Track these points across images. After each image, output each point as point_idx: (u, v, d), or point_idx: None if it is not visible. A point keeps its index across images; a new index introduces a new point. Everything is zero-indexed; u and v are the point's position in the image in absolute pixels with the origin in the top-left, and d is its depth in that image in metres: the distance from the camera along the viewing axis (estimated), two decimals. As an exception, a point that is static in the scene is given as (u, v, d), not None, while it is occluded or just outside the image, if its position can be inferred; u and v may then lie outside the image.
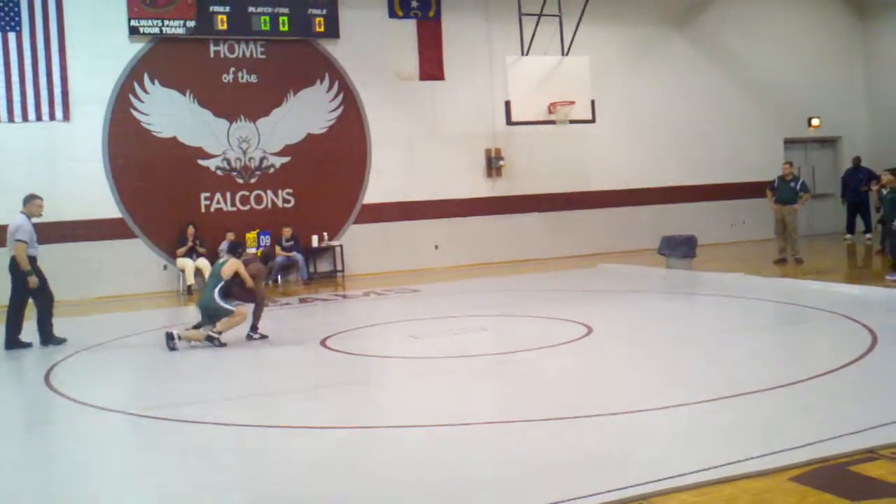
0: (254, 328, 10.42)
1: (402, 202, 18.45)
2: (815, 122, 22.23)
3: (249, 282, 10.11)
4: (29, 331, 10.86)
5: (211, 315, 10.06)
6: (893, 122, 21.98)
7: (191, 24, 16.76)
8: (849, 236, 19.91)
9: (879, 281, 12.63)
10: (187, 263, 16.19)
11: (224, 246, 12.16)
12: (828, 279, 13.35)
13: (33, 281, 10.55)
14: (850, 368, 7.42)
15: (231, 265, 10.04)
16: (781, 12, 21.89)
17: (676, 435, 5.84)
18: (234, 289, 10.13)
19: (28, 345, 10.69)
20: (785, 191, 15.99)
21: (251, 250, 14.37)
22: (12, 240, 10.52)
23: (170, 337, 9.98)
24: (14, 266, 10.56)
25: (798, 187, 15.97)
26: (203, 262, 16.27)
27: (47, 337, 10.79)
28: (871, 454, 5.13)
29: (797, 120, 22.11)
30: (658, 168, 20.59)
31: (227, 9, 16.99)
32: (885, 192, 13.56)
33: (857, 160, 20.05)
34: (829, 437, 5.33)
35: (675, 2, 20.93)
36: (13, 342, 10.64)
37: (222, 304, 9.95)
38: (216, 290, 9.96)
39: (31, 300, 10.83)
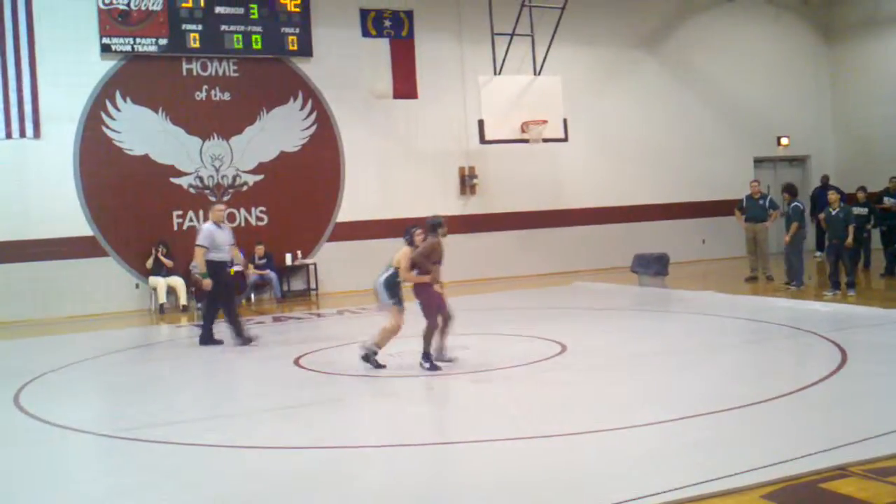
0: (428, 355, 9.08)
1: (376, 220, 18.44)
2: (784, 141, 22.51)
3: (406, 276, 9.15)
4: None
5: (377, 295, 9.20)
6: (860, 141, 22.32)
7: (163, 41, 16.71)
8: (818, 254, 20.11)
9: (847, 298, 12.79)
10: (159, 282, 16.07)
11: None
12: (798, 297, 13.51)
13: (206, 283, 11.21)
14: (820, 385, 7.50)
15: (401, 255, 9.14)
16: (750, 34, 22.18)
17: (648, 453, 5.87)
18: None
19: (219, 342, 11.41)
20: (754, 209, 16.16)
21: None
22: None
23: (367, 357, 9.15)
24: (211, 269, 11.21)
25: (767, 205, 16.12)
26: (175, 280, 16.15)
27: (240, 337, 11.35)
28: (842, 471, 5.18)
29: (766, 139, 22.38)
30: (630, 186, 20.74)
31: (200, 27, 16.96)
32: (833, 211, 13.70)
33: (825, 179, 20.30)
34: (800, 455, 5.37)
35: (645, 23, 21.15)
36: (207, 338, 11.46)
37: (384, 292, 9.16)
38: (384, 278, 9.20)
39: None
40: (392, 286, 9.15)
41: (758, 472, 5.11)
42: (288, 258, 17.52)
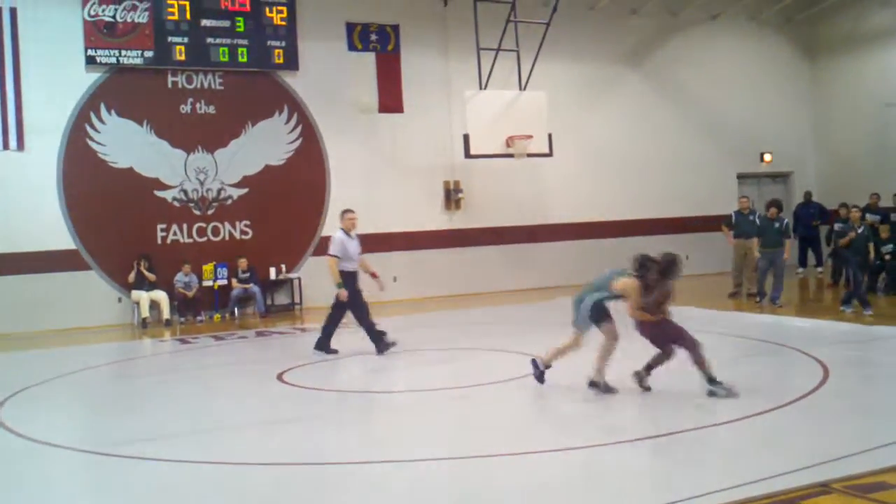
0: (710, 380, 7.95)
1: (361, 234, 18.31)
2: (767, 157, 22.65)
3: (634, 314, 8.29)
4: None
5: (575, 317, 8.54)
6: (841, 157, 22.50)
7: (149, 54, 16.68)
8: (800, 270, 20.24)
9: (831, 314, 12.86)
10: (142, 296, 15.99)
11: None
12: (780, 313, 13.58)
13: (342, 294, 11.03)
14: (801, 402, 7.53)
15: (626, 285, 8.26)
16: (733, 51, 22.34)
17: (628, 471, 5.88)
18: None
19: (335, 351, 11.28)
20: (745, 225, 16.01)
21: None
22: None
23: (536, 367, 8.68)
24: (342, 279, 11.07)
25: (756, 220, 15.89)
26: (159, 294, 16.08)
27: (379, 344, 11.20)
28: (823, 488, 5.20)
29: (750, 155, 22.52)
30: (614, 201, 20.81)
31: (186, 39, 16.94)
32: (859, 228, 13.54)
33: (808, 195, 20.45)
34: (781, 472, 5.39)
35: (630, 40, 21.28)
36: (323, 345, 11.37)
37: (586, 316, 8.44)
38: (595, 297, 8.45)
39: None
40: (600, 310, 8.44)
41: (740, 489, 5.13)
42: (272, 272, 17.46)
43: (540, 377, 8.59)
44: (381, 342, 11.23)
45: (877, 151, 21.35)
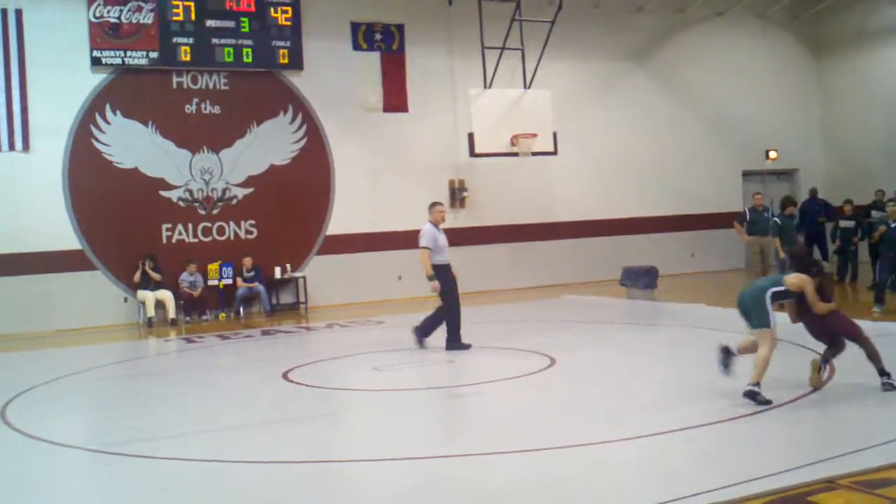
0: (882, 371, 7.82)
1: (366, 233, 18.45)
2: (772, 154, 22.59)
3: (820, 307, 7.99)
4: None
5: (747, 311, 8.02)
6: (848, 154, 22.44)
7: (154, 55, 16.71)
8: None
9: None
10: (147, 295, 16.01)
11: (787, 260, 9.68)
12: (787, 309, 13.51)
13: (434, 286, 10.85)
14: (808, 398, 7.52)
15: (801, 281, 7.91)
16: (739, 48, 22.30)
17: (637, 467, 5.87)
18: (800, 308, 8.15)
19: (467, 346, 10.94)
20: (760, 222, 15.78)
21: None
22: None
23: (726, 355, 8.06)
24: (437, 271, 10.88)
25: (771, 217, 15.77)
26: (164, 294, 16.10)
27: (454, 342, 11.02)
28: (830, 484, 5.18)
29: (755, 152, 22.47)
30: (619, 199, 20.80)
31: (191, 40, 16.97)
32: (893, 224, 13.10)
33: (813, 192, 20.37)
34: (788, 468, 5.37)
35: (635, 37, 21.25)
36: (453, 343, 11.04)
37: (769, 308, 7.87)
38: (770, 291, 7.92)
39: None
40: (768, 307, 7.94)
41: (746, 484, 5.11)
42: (277, 271, 17.48)
43: (762, 401, 7.36)
44: (455, 340, 11.06)
45: (883, 148, 21.27)
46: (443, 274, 10.98)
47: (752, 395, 7.37)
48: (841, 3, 22.06)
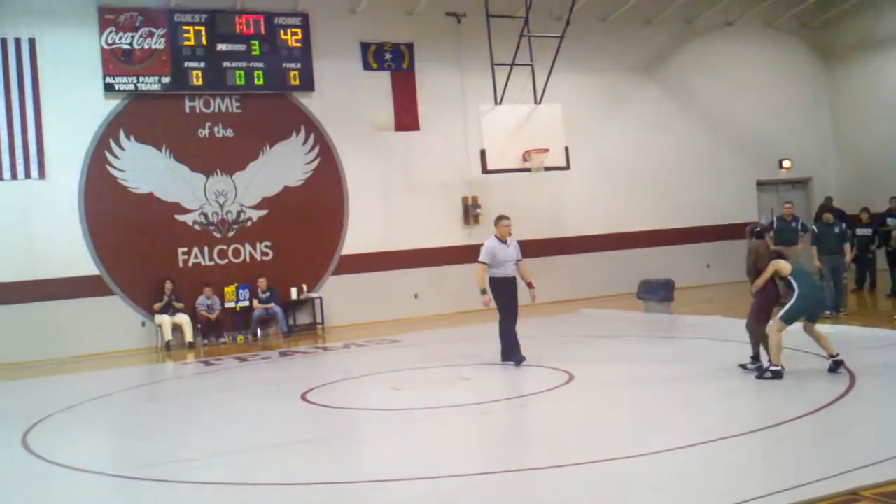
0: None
1: (381, 252, 18.46)
2: (786, 163, 22.52)
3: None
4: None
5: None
6: (861, 161, 22.34)
7: (166, 80, 16.83)
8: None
9: (855, 320, 12.74)
10: (165, 319, 16.07)
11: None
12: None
13: (485, 300, 11.07)
14: (829, 409, 7.47)
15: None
16: (749, 58, 22.26)
17: (657, 482, 5.85)
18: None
19: (522, 359, 10.98)
20: (788, 232, 15.68)
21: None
22: None
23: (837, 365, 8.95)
24: (492, 285, 11.11)
25: (799, 227, 15.58)
26: (182, 318, 16.16)
27: (511, 354, 11.09)
28: (853, 496, 5.16)
29: (769, 162, 22.40)
30: (633, 212, 20.76)
31: (202, 64, 17.08)
32: None
33: (828, 200, 20.26)
34: (811, 480, 5.35)
35: (645, 49, 21.27)
36: (507, 355, 11.16)
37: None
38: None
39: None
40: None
41: (770, 497, 5.09)
42: (293, 292, 17.51)
43: (837, 367, 8.88)
44: (511, 353, 11.13)
45: (896, 155, 21.19)
46: (501, 287, 11.19)
47: (837, 367, 8.83)
48: (849, 10, 22.03)
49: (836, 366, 8.88)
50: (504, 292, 11.20)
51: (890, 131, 21.38)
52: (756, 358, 9.32)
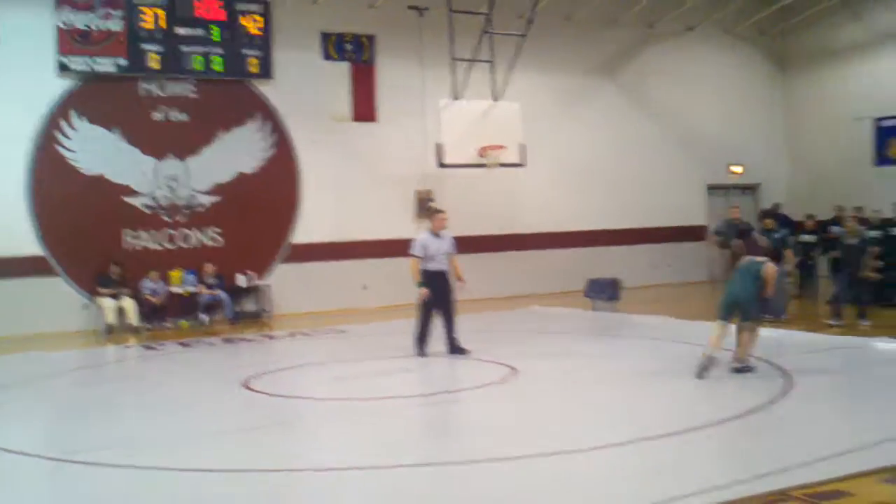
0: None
1: (333, 242, 18.39)
2: (737, 168, 22.83)
3: (772, 291, 9.50)
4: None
5: (742, 307, 9.38)
6: (810, 169, 22.70)
7: (122, 62, 16.57)
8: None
9: (795, 325, 12.97)
10: (107, 302, 15.84)
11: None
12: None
13: (423, 293, 11.18)
14: (765, 411, 7.61)
15: (772, 270, 9.38)
16: (707, 63, 22.50)
17: (592, 478, 5.91)
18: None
19: (424, 354, 11.26)
20: (734, 235, 15.99)
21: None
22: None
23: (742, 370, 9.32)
24: (424, 278, 11.28)
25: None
26: (127, 302, 15.95)
27: (452, 346, 11.33)
28: (782, 496, 5.25)
29: (719, 166, 22.66)
30: (586, 211, 20.89)
31: (160, 48, 16.85)
32: (849, 240, 13.24)
33: (776, 206, 20.60)
34: (741, 480, 5.44)
35: (605, 51, 21.40)
36: (420, 350, 11.33)
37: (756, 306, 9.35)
38: (756, 288, 9.31)
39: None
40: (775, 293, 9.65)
41: (701, 496, 5.16)
42: (242, 279, 17.38)
43: (745, 369, 9.31)
44: (454, 344, 11.38)
45: (844, 164, 21.56)
46: (435, 280, 11.31)
47: (741, 371, 9.20)
48: (807, 20, 22.35)
49: (738, 371, 9.27)
50: (431, 285, 11.28)
51: (839, 141, 21.76)
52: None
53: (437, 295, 11.30)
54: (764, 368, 9.57)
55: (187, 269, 16.90)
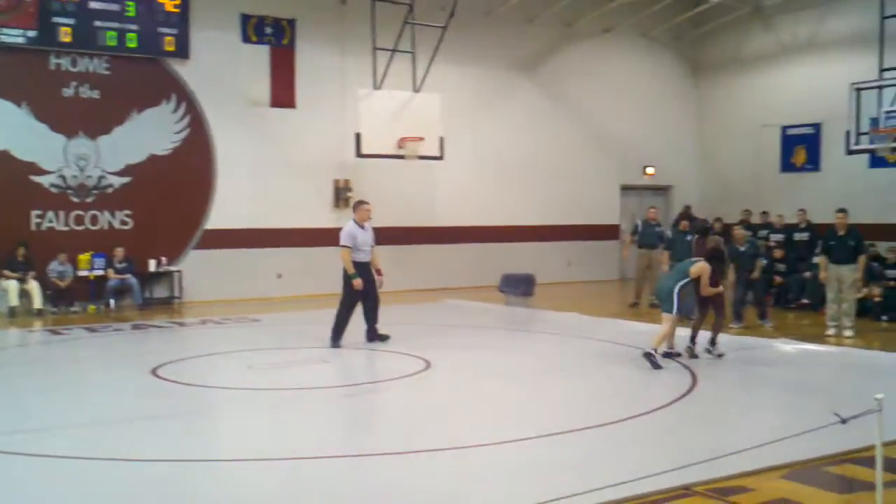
0: (712, 342, 10.44)
1: (247, 229, 18.12)
2: (650, 170, 23.32)
3: (707, 291, 10.10)
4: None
5: (662, 300, 10.12)
6: (719, 173, 23.36)
7: (32, 33, 16.01)
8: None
9: (706, 325, 13.31)
10: (11, 284, 15.32)
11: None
12: (657, 322, 13.99)
13: (357, 283, 11.21)
14: (670, 408, 7.81)
15: (700, 269, 10.01)
16: (624, 65, 22.90)
17: (497, 472, 5.98)
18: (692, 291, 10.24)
19: (387, 337, 11.52)
20: (651, 236, 16.26)
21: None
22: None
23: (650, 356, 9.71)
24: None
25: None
26: (32, 285, 15.44)
27: (372, 335, 11.53)
28: (686, 491, 5.41)
29: (634, 167, 23.12)
30: (502, 206, 21.06)
31: (72, 21, 16.33)
32: (740, 248, 13.53)
33: (687, 208, 21.09)
34: (646, 475, 5.56)
35: (524, 48, 21.57)
36: (336, 340, 11.35)
37: (675, 300, 9.87)
38: (678, 284, 9.94)
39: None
40: (685, 296, 10.10)
41: (605, 490, 5.27)
42: (152, 264, 17.01)
43: (656, 363, 9.61)
44: (375, 333, 11.61)
45: (752, 169, 22.27)
46: (361, 271, 11.40)
47: (649, 357, 9.57)
48: (720, 27, 22.95)
49: (645, 356, 9.71)
50: (364, 276, 11.41)
51: (747, 147, 22.45)
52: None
53: (364, 286, 11.39)
54: (671, 366, 9.82)
55: (96, 252, 16.46)
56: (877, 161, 18.19)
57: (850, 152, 16.83)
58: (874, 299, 14.32)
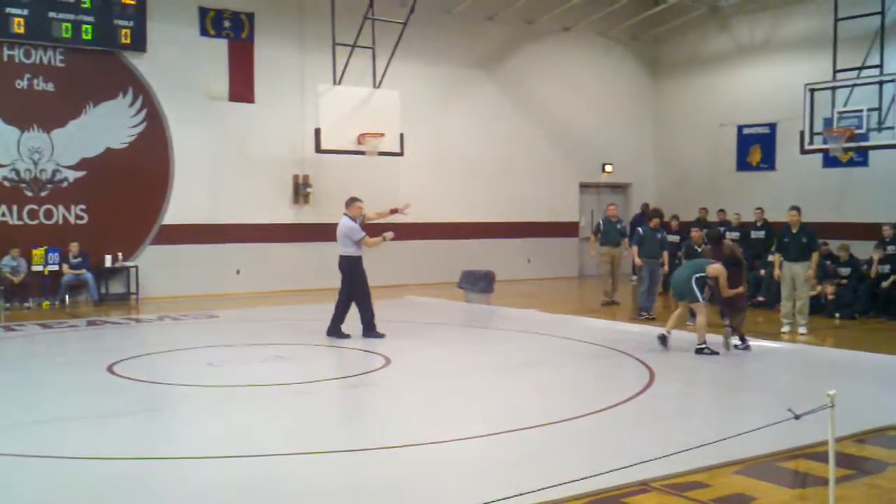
0: (742, 338, 10.98)
1: (205, 224, 17.95)
2: (608, 168, 23.51)
3: (728, 292, 10.65)
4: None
5: (682, 294, 10.74)
6: (676, 171, 23.64)
7: (-17, 24, 15.74)
8: (634, 277, 21.06)
9: (659, 322, 13.45)
10: (-36, 279, 15.07)
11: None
12: (613, 318, 14.14)
13: (389, 235, 12.12)
14: (627, 404, 7.89)
15: (717, 270, 10.57)
16: (582, 64, 23.06)
17: (460, 468, 6.00)
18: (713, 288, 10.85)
19: (347, 336, 11.64)
20: (613, 233, 16.39)
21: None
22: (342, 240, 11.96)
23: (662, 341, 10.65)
24: (352, 263, 11.83)
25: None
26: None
27: (333, 329, 11.78)
28: (644, 486, 5.46)
29: (593, 165, 23.30)
30: (462, 203, 21.10)
31: (26, 12, 16.05)
32: (698, 248, 13.72)
33: (645, 206, 21.31)
34: (604, 471, 5.60)
35: (485, 45, 21.62)
36: (335, 331, 11.71)
37: (696, 289, 10.52)
38: (694, 277, 10.59)
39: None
40: (701, 287, 10.62)
41: (564, 486, 5.29)
42: (108, 260, 16.79)
43: (712, 351, 10.43)
44: (370, 328, 11.78)
45: (708, 168, 22.57)
46: (357, 265, 11.99)
47: (701, 352, 10.32)
48: (678, 28, 23.21)
49: (700, 353, 10.43)
50: (357, 270, 12.08)
51: (703, 146, 22.75)
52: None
53: (358, 280, 11.85)
54: (629, 363, 9.93)
55: (51, 247, 16.22)
56: (830, 161, 18.51)
57: (805, 152, 17.13)
58: (827, 297, 14.60)
